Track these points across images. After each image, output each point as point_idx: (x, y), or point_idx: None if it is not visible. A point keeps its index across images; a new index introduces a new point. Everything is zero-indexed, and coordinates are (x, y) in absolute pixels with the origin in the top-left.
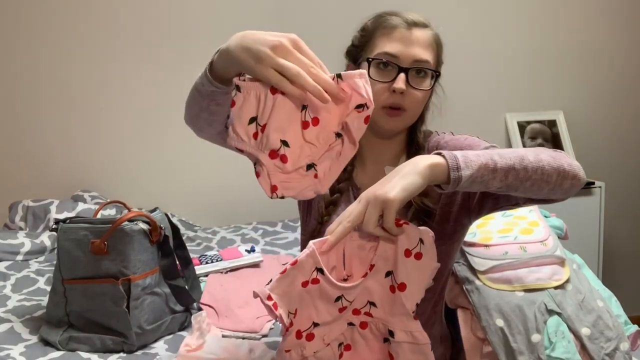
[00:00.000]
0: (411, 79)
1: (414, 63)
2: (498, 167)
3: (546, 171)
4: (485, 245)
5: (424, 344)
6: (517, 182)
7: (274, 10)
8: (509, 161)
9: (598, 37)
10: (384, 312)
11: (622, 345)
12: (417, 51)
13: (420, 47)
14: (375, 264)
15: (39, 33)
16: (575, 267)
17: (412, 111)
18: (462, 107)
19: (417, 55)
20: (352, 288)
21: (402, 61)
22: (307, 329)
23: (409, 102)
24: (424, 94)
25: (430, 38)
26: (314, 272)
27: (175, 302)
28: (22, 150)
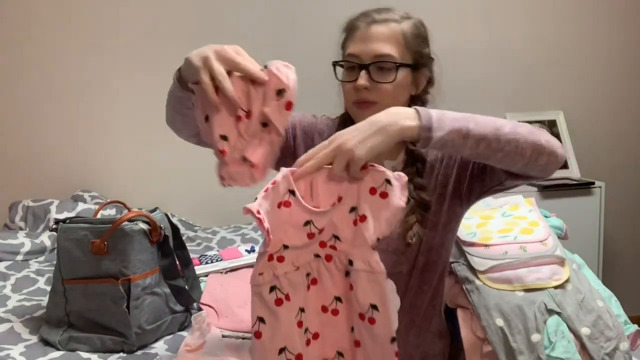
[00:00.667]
0: (374, 74)
1: (374, 58)
2: (470, 134)
3: (520, 144)
4: (485, 245)
5: (379, 272)
6: (488, 151)
7: (269, 12)
8: (482, 130)
9: (598, 37)
10: (347, 245)
11: (622, 345)
12: (376, 47)
13: (379, 42)
14: (342, 197)
15: (39, 33)
16: (575, 267)
17: (384, 104)
18: (462, 107)
19: (376, 51)
20: (321, 214)
21: (363, 59)
22: (277, 251)
23: (377, 95)
24: (391, 86)
25: (393, 32)
26: (286, 194)
27: (175, 302)
28: (22, 150)
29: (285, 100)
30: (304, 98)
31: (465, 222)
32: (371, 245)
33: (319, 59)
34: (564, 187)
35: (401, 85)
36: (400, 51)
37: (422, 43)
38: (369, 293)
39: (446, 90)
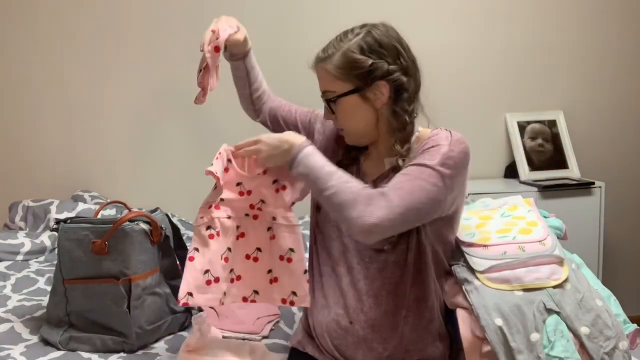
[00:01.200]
0: (333, 106)
1: (323, 95)
2: (311, 185)
3: (330, 206)
4: (484, 246)
5: (295, 225)
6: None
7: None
8: (316, 188)
9: (598, 37)
10: (270, 207)
11: (621, 344)
12: (321, 85)
13: (322, 80)
14: (267, 170)
15: (39, 34)
16: (574, 267)
17: (348, 128)
18: (462, 107)
19: (322, 88)
20: (249, 178)
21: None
22: (215, 201)
23: (339, 123)
24: (341, 114)
25: (325, 70)
26: (227, 161)
27: (175, 302)
28: (22, 151)
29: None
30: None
31: (464, 223)
32: (288, 206)
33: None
34: (564, 187)
35: (349, 110)
36: (334, 84)
37: (360, 63)
38: (288, 240)
39: (448, 90)
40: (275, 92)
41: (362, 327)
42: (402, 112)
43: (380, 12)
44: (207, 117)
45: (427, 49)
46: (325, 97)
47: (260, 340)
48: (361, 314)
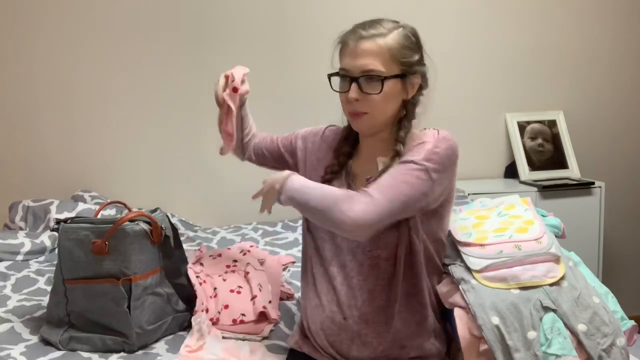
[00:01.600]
0: (364, 86)
1: (362, 73)
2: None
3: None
4: (481, 245)
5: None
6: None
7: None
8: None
9: (598, 37)
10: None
11: (619, 340)
12: (363, 62)
13: (366, 57)
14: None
15: (39, 34)
16: (571, 264)
17: (374, 113)
18: (462, 107)
19: (364, 66)
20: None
21: (353, 72)
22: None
23: (367, 106)
24: (380, 97)
25: (379, 47)
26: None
27: (176, 302)
28: (22, 151)
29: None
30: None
31: (461, 223)
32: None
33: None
34: (563, 187)
35: (390, 94)
36: (386, 64)
37: (411, 52)
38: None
39: (448, 90)
40: (274, 91)
41: (356, 322)
42: (417, 107)
43: (380, 12)
44: (207, 117)
45: (427, 49)
46: (367, 74)
47: (260, 340)
48: (355, 309)
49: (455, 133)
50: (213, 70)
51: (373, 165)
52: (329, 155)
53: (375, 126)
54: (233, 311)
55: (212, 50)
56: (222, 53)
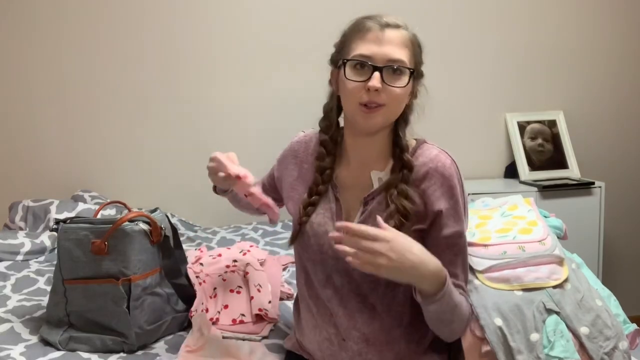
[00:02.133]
0: (386, 77)
1: (387, 62)
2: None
3: (451, 333)
4: (484, 245)
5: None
6: (434, 320)
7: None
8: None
9: (598, 37)
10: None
11: (621, 344)
12: (390, 50)
13: (393, 46)
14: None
15: (38, 34)
16: (574, 267)
17: (391, 107)
18: (462, 107)
19: (390, 55)
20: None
21: (377, 61)
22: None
23: (386, 98)
24: (401, 90)
25: (404, 38)
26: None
27: (175, 302)
28: (22, 151)
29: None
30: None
31: None
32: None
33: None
34: (564, 187)
35: (407, 91)
36: (409, 57)
37: (421, 53)
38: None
39: (448, 91)
40: (273, 92)
41: (356, 342)
42: (412, 111)
43: (380, 10)
44: (207, 117)
45: (427, 49)
46: (394, 64)
47: (259, 340)
48: (354, 330)
49: (455, 133)
50: (214, 70)
51: (364, 177)
52: (304, 168)
53: (386, 123)
54: (233, 311)
55: (212, 50)
56: (223, 53)
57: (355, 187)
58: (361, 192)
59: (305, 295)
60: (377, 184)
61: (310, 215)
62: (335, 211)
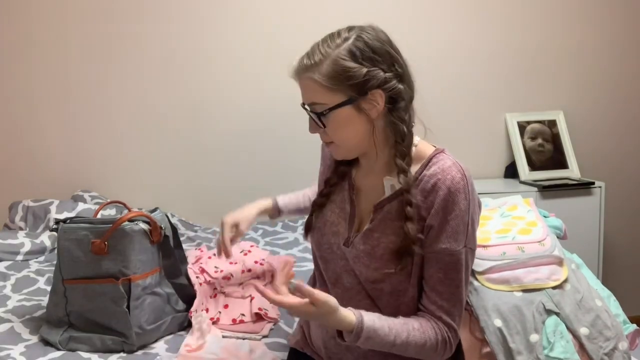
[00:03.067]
0: (315, 119)
1: (308, 107)
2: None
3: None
4: (484, 246)
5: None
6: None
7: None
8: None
9: (598, 37)
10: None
11: (621, 344)
12: (307, 97)
13: (308, 91)
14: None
15: (38, 33)
16: (574, 267)
17: (338, 141)
18: (462, 108)
19: (307, 100)
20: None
21: (304, 106)
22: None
23: (328, 137)
24: (333, 127)
25: (312, 82)
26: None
27: (175, 302)
28: (22, 151)
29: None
30: None
31: None
32: None
33: None
34: (564, 187)
35: (342, 122)
36: (326, 95)
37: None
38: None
39: (448, 90)
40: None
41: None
42: (399, 122)
43: (379, 12)
44: (207, 117)
45: (427, 49)
46: (314, 110)
47: (260, 339)
48: None
49: (456, 133)
50: (214, 70)
51: (378, 182)
52: (331, 167)
53: (349, 153)
54: (233, 311)
55: (213, 50)
56: (223, 52)
57: (370, 193)
58: (375, 198)
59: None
60: (389, 191)
61: (325, 205)
62: (349, 213)
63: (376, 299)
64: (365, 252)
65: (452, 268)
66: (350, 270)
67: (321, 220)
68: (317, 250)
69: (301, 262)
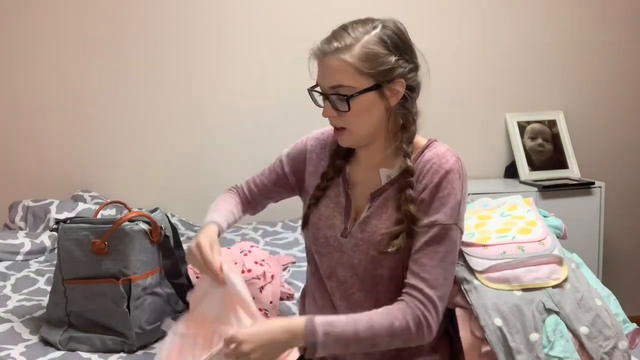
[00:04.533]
0: (335, 103)
1: (329, 90)
2: (349, 351)
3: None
4: (484, 245)
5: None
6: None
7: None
8: (357, 349)
9: (598, 37)
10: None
11: (621, 343)
12: (328, 80)
13: (331, 72)
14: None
15: (39, 35)
16: (574, 266)
17: (354, 128)
18: (462, 107)
19: (330, 83)
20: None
21: (323, 89)
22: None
23: (343, 122)
24: (354, 112)
25: (343, 63)
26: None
27: (175, 302)
28: (22, 151)
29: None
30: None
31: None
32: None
33: None
34: (564, 187)
35: (364, 109)
36: (354, 78)
37: (386, 57)
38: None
39: (448, 90)
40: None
41: None
42: (410, 112)
43: (378, 13)
44: (207, 117)
45: (427, 49)
46: (338, 93)
47: None
48: None
49: (456, 133)
50: (215, 70)
51: (373, 175)
52: (321, 165)
53: (359, 140)
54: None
55: (213, 50)
56: (224, 53)
57: (365, 185)
58: (370, 189)
59: (312, 287)
60: (385, 181)
61: (320, 200)
62: (344, 206)
63: (373, 289)
64: (364, 240)
65: (439, 241)
66: (344, 263)
67: (316, 216)
68: (313, 245)
69: (301, 262)
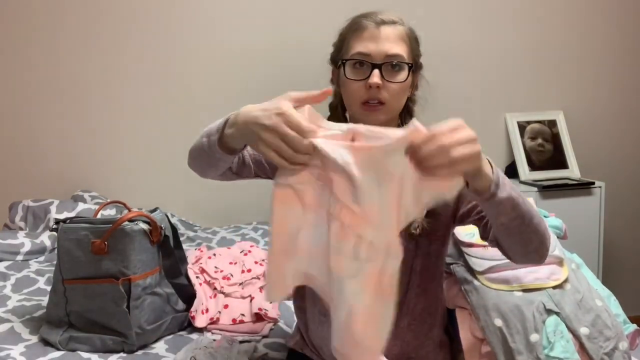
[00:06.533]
0: (386, 73)
1: (385, 58)
2: (517, 208)
3: (536, 237)
4: (484, 246)
5: None
6: (515, 229)
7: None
8: (524, 209)
9: (598, 37)
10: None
11: (621, 344)
12: (387, 47)
13: (390, 42)
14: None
15: (38, 33)
16: (574, 267)
17: (392, 103)
18: (462, 107)
19: (387, 51)
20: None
21: (375, 58)
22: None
23: (387, 94)
24: (401, 86)
25: (401, 33)
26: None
27: (175, 302)
28: (22, 150)
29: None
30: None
31: None
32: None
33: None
34: (564, 187)
35: (406, 85)
36: (407, 52)
37: (419, 47)
38: None
39: (448, 90)
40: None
41: None
42: (413, 108)
43: (380, 7)
44: (207, 117)
45: (427, 49)
46: (392, 60)
47: (260, 340)
48: None
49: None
50: (215, 70)
51: None
52: None
53: (388, 120)
54: (233, 311)
55: (214, 51)
56: (224, 53)
57: None
58: None
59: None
60: None
61: None
62: None
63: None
64: None
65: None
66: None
67: None
68: None
69: None
